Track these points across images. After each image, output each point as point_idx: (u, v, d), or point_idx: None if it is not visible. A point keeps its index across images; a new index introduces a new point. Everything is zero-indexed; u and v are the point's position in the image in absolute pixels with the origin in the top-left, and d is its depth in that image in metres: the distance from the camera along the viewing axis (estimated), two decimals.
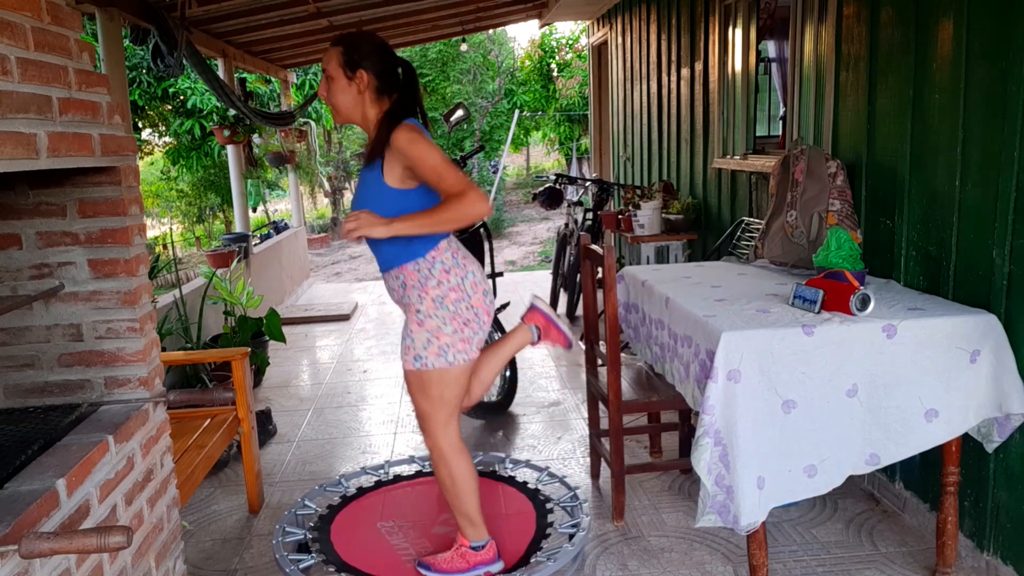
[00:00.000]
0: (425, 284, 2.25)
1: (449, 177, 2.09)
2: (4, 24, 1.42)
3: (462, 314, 2.27)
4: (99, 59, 4.04)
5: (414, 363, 2.28)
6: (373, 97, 2.23)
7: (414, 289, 2.26)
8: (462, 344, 2.27)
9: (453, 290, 2.26)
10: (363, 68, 2.19)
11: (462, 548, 2.40)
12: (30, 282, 1.86)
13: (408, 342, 2.29)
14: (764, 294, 2.57)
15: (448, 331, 2.25)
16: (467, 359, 2.29)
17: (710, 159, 4.84)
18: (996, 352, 2.20)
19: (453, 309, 2.26)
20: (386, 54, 2.25)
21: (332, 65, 2.21)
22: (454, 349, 2.26)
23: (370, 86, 2.21)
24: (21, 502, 1.37)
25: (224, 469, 3.49)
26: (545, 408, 4.15)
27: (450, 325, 2.25)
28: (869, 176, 2.93)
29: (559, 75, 16.28)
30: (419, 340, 2.26)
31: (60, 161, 1.55)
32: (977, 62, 2.31)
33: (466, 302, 2.28)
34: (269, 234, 8.02)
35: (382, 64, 2.23)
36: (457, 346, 2.26)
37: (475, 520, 2.39)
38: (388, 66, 2.24)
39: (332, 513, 2.82)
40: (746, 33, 4.29)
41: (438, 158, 2.12)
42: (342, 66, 2.20)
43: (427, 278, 2.24)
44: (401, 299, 2.33)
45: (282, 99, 8.15)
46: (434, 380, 2.28)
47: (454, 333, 2.26)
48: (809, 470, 2.16)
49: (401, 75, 2.29)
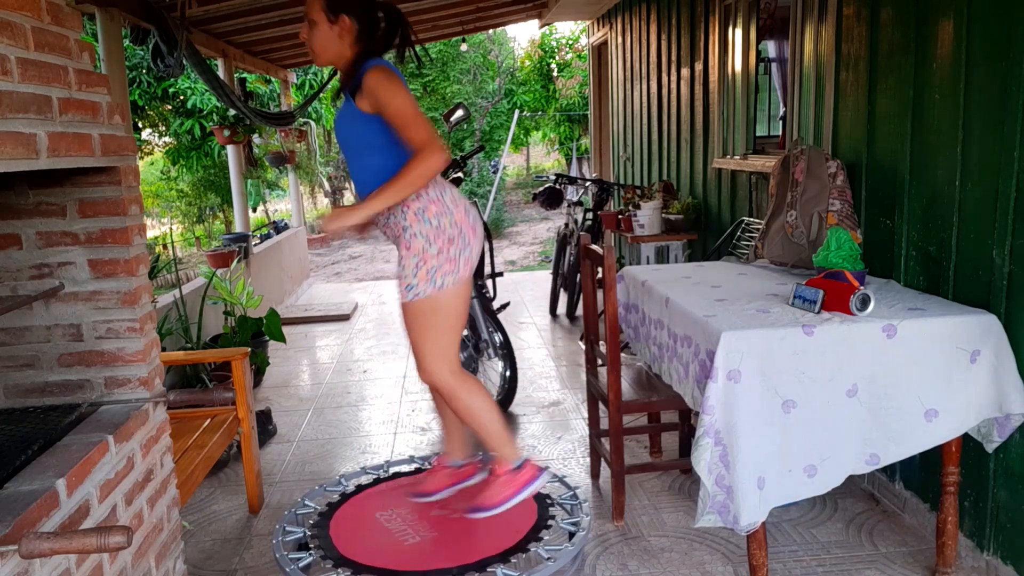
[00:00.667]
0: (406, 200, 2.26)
1: (410, 125, 2.15)
2: (4, 24, 1.42)
3: (445, 230, 2.28)
4: (99, 59, 4.04)
5: (407, 294, 2.30)
6: (351, 40, 2.29)
7: (397, 206, 2.27)
8: (448, 264, 2.28)
9: (433, 203, 2.27)
10: (345, 13, 2.25)
11: (504, 475, 2.40)
12: (30, 282, 1.86)
13: (399, 270, 2.32)
14: (764, 294, 2.57)
15: (432, 251, 2.26)
16: (455, 280, 2.30)
17: (710, 159, 4.84)
18: (996, 352, 2.20)
19: (436, 223, 2.27)
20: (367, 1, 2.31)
21: (315, 9, 2.26)
22: (441, 271, 2.27)
23: (351, 30, 2.28)
24: (21, 502, 1.37)
25: (224, 469, 3.49)
26: (545, 408, 4.15)
27: (434, 244, 2.27)
28: (869, 176, 2.94)
29: (559, 75, 16.27)
30: (408, 267, 2.29)
31: (60, 161, 1.55)
32: (977, 62, 2.31)
33: (448, 217, 2.29)
34: (269, 234, 8.02)
35: (364, 9, 2.29)
36: (444, 267, 2.27)
37: (504, 437, 2.40)
38: (369, 12, 2.30)
39: (331, 510, 2.82)
40: (746, 33, 4.29)
41: (401, 103, 2.17)
42: (324, 10, 2.26)
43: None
44: (387, 222, 2.33)
45: (282, 99, 8.15)
46: (427, 308, 2.29)
47: (439, 253, 2.27)
48: (809, 470, 2.16)
49: (383, 20, 2.34)
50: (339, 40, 2.28)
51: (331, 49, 2.29)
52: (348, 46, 2.29)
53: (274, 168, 7.97)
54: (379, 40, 2.34)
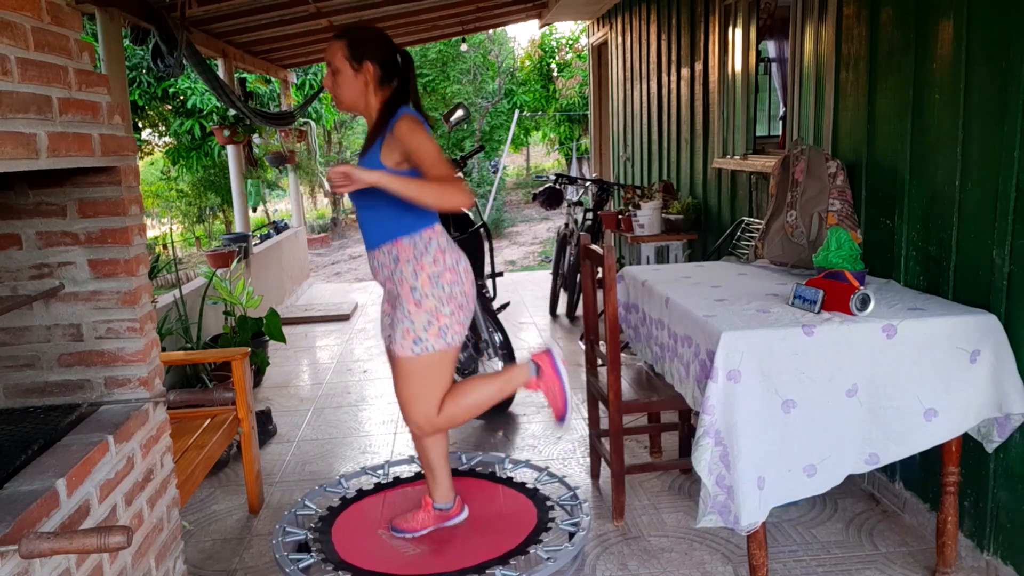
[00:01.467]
0: (421, 259, 2.28)
1: (442, 169, 2.16)
2: (4, 24, 1.42)
3: (457, 297, 2.30)
4: (99, 59, 4.04)
5: (414, 347, 2.28)
6: (376, 86, 2.29)
7: (408, 263, 2.28)
8: (458, 326, 2.31)
9: (449, 271, 2.29)
10: (368, 59, 2.25)
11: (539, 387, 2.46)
12: (30, 282, 1.86)
13: (406, 325, 2.29)
14: (764, 294, 2.57)
15: (446, 312, 2.29)
16: (460, 339, 2.35)
17: (710, 159, 4.84)
18: (996, 352, 2.20)
19: (449, 291, 2.28)
20: (388, 44, 2.32)
21: (338, 58, 2.26)
22: (452, 330, 2.30)
23: (375, 76, 2.28)
24: (21, 502, 1.37)
25: (224, 469, 3.49)
26: (545, 408, 4.15)
27: (447, 306, 2.29)
28: (869, 176, 2.94)
29: (559, 75, 16.27)
30: (419, 322, 2.27)
31: (60, 161, 1.55)
32: (977, 62, 2.31)
33: (460, 286, 2.31)
34: (269, 234, 8.02)
35: (384, 54, 2.29)
36: (455, 328, 2.30)
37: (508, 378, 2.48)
38: (390, 56, 2.31)
39: (332, 516, 2.82)
40: (746, 33, 4.29)
41: (435, 150, 2.19)
42: (348, 59, 2.26)
43: (423, 253, 2.28)
44: (392, 275, 2.33)
45: (282, 99, 8.15)
46: (433, 362, 2.30)
47: (451, 315, 2.29)
48: (809, 470, 2.16)
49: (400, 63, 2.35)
50: (364, 87, 2.29)
51: (357, 96, 2.30)
52: (373, 92, 2.30)
53: (274, 168, 7.97)
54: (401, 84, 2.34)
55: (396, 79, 2.33)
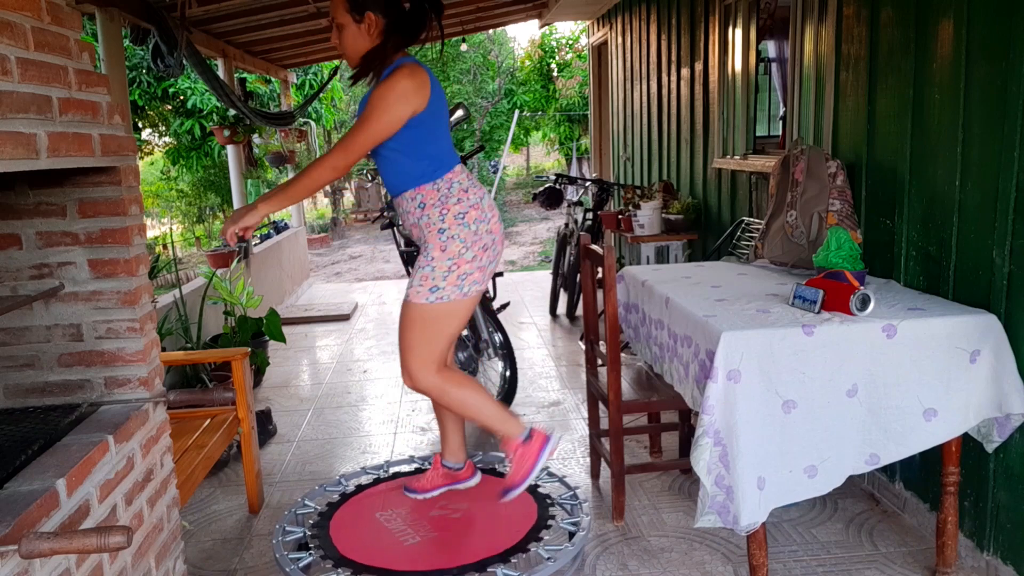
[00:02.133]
0: (446, 201, 2.25)
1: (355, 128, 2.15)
2: (4, 24, 1.42)
3: (482, 237, 2.27)
4: (99, 59, 4.04)
5: (429, 295, 2.25)
6: (379, 35, 2.24)
7: (435, 207, 2.25)
8: (478, 272, 2.27)
9: (474, 207, 2.26)
10: (369, 9, 2.21)
11: (516, 450, 2.40)
12: (30, 282, 1.86)
13: (427, 271, 2.25)
14: (764, 294, 2.57)
15: (468, 256, 2.25)
16: (479, 289, 2.30)
17: (710, 159, 4.84)
18: (996, 352, 2.20)
19: (475, 228, 2.25)
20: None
21: (339, 12, 2.23)
22: (471, 278, 2.26)
23: (378, 26, 2.23)
24: (21, 502, 1.37)
25: (224, 469, 3.49)
26: (545, 408, 4.15)
27: (471, 250, 2.25)
28: (869, 176, 2.93)
29: (559, 75, 16.28)
30: (439, 268, 2.24)
31: (60, 161, 1.55)
32: (977, 62, 2.31)
33: (485, 224, 2.28)
34: (269, 234, 8.02)
35: (386, 2, 2.24)
36: (474, 275, 2.27)
37: (505, 417, 2.41)
38: (395, 3, 2.26)
39: (331, 510, 2.82)
40: (746, 33, 4.29)
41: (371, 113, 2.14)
42: (349, 11, 2.22)
43: (447, 196, 2.25)
44: (419, 220, 2.30)
45: (282, 99, 8.15)
46: (444, 313, 2.27)
47: (474, 259, 2.26)
48: (809, 470, 2.16)
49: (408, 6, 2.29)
50: (368, 38, 2.24)
51: (362, 48, 2.25)
52: (377, 38, 2.25)
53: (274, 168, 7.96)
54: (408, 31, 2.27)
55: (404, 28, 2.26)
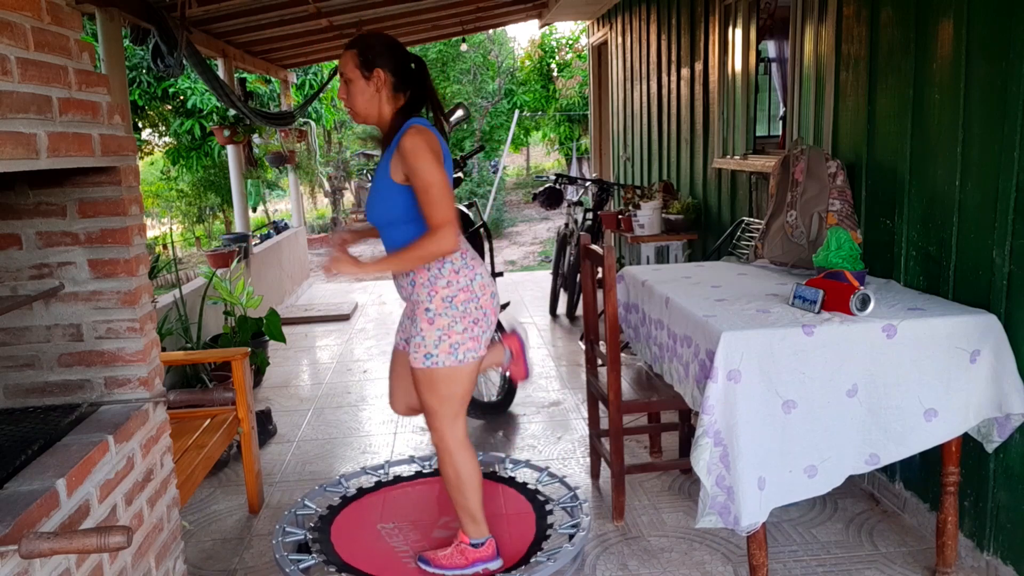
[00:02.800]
0: (435, 283, 2.28)
1: (435, 202, 2.16)
2: (4, 24, 1.42)
3: (471, 313, 2.30)
4: (99, 59, 4.04)
5: (424, 361, 2.29)
6: (389, 94, 2.27)
7: (423, 287, 2.29)
8: (472, 342, 2.30)
9: (463, 291, 2.29)
10: (379, 67, 2.23)
11: (462, 545, 2.42)
12: (30, 282, 1.86)
13: (419, 340, 2.30)
14: (764, 294, 2.57)
15: (459, 329, 2.28)
16: (476, 356, 2.31)
17: (710, 159, 4.84)
18: (996, 352, 2.20)
19: (463, 309, 2.29)
20: (399, 51, 2.29)
21: (349, 67, 2.25)
22: (464, 347, 2.29)
23: (387, 84, 2.25)
24: (21, 502, 1.37)
25: (224, 469, 3.49)
26: (545, 408, 4.15)
27: (460, 323, 2.28)
28: (869, 176, 2.93)
29: (559, 75, 16.27)
30: (430, 338, 2.28)
31: (60, 161, 1.55)
32: (977, 62, 2.31)
33: (475, 303, 2.31)
34: (269, 234, 8.02)
35: (396, 61, 2.27)
36: (467, 344, 2.29)
37: (477, 517, 2.41)
38: (402, 63, 2.28)
39: (332, 514, 2.82)
40: (746, 33, 4.29)
41: (432, 176, 2.15)
42: (359, 67, 2.24)
43: (437, 277, 2.28)
44: (409, 296, 2.36)
45: (282, 99, 8.15)
46: (444, 378, 2.30)
47: (464, 331, 2.29)
48: (809, 470, 2.16)
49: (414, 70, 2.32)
50: (377, 95, 2.25)
51: (370, 105, 2.27)
52: (386, 100, 2.27)
53: (274, 168, 7.97)
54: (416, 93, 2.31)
55: (410, 88, 2.30)
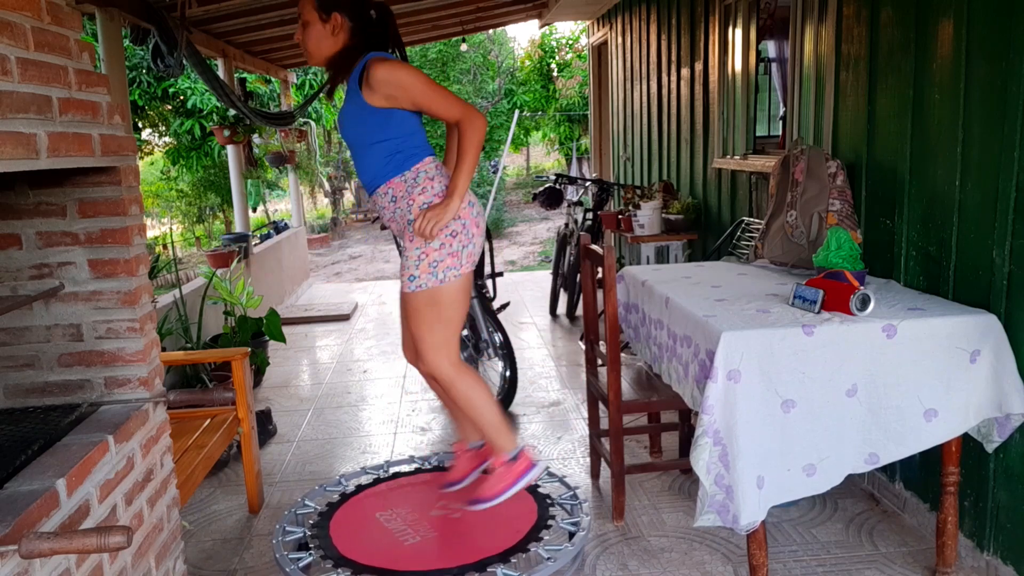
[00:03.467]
0: (411, 192, 2.30)
1: (441, 102, 2.22)
2: (4, 24, 1.42)
3: (449, 224, 2.29)
4: (99, 59, 4.04)
5: (409, 284, 2.31)
6: (345, 38, 2.31)
7: (403, 199, 2.31)
8: (451, 259, 2.30)
9: (438, 196, 2.30)
10: (336, 10, 2.28)
11: (500, 466, 2.43)
12: (30, 282, 1.86)
13: (403, 261, 2.34)
14: (764, 294, 2.57)
15: (435, 245, 2.28)
16: (457, 275, 2.32)
17: (710, 159, 4.84)
18: (996, 352, 2.20)
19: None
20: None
21: (307, 10, 2.30)
22: (443, 265, 2.29)
23: (343, 28, 2.30)
24: (21, 502, 1.37)
25: (224, 469, 3.49)
26: (545, 408, 4.15)
27: (437, 238, 2.28)
28: (869, 176, 2.94)
29: (559, 75, 16.27)
30: (411, 258, 2.30)
31: (60, 161, 1.55)
32: (977, 62, 2.31)
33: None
34: (269, 234, 8.02)
35: (355, 6, 2.31)
36: (446, 261, 2.29)
37: (501, 428, 2.43)
38: (361, 8, 2.32)
39: (331, 510, 2.82)
40: (746, 33, 4.29)
41: (424, 85, 2.21)
42: (316, 10, 2.28)
43: (412, 186, 2.30)
44: (393, 215, 2.37)
45: (282, 99, 8.15)
46: (428, 301, 2.30)
47: (441, 247, 2.28)
48: (808, 469, 2.16)
49: (375, 15, 2.36)
50: (333, 38, 2.30)
51: (325, 48, 2.31)
52: (342, 44, 2.30)
53: (274, 168, 7.97)
54: (373, 36, 2.34)
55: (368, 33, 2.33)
